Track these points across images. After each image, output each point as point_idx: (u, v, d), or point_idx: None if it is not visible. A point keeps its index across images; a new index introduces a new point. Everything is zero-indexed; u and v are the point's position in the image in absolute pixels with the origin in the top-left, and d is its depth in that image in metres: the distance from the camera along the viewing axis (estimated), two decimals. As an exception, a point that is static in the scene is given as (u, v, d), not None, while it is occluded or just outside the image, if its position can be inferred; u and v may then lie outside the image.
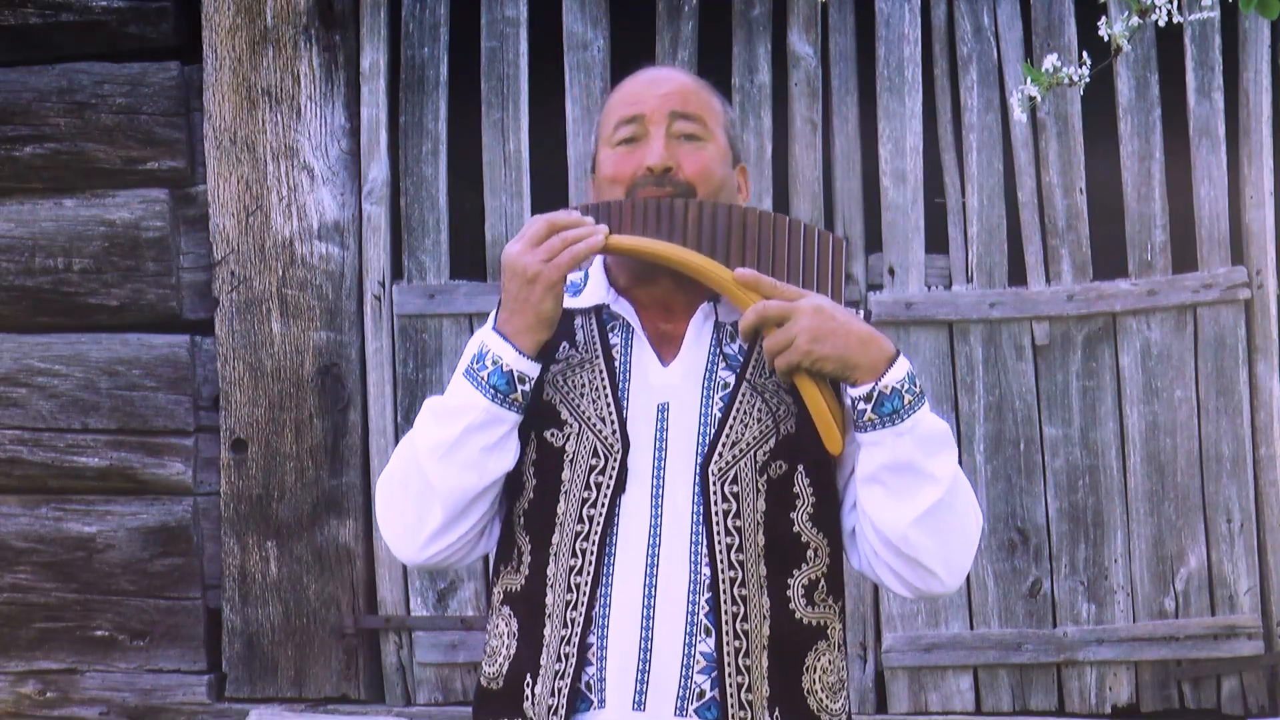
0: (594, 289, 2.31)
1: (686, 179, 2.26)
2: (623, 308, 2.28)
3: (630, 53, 4.43)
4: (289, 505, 4.65)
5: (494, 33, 4.67)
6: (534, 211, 4.57)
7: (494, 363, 2.19)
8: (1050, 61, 2.22)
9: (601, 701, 2.18)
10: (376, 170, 4.66)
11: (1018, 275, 4.59)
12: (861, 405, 2.17)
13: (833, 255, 2.24)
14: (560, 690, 2.18)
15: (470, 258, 4.73)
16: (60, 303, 4.71)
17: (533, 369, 2.20)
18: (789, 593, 2.21)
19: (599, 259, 2.32)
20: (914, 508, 2.16)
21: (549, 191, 4.62)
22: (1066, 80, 2.21)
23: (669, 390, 2.23)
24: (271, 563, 4.66)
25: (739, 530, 2.19)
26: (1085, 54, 2.26)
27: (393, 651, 4.69)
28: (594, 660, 2.18)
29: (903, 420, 2.16)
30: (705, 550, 2.18)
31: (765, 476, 2.21)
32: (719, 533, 2.18)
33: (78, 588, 4.72)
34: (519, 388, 2.19)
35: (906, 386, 2.17)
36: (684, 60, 4.60)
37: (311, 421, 4.64)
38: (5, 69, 4.70)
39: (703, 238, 2.21)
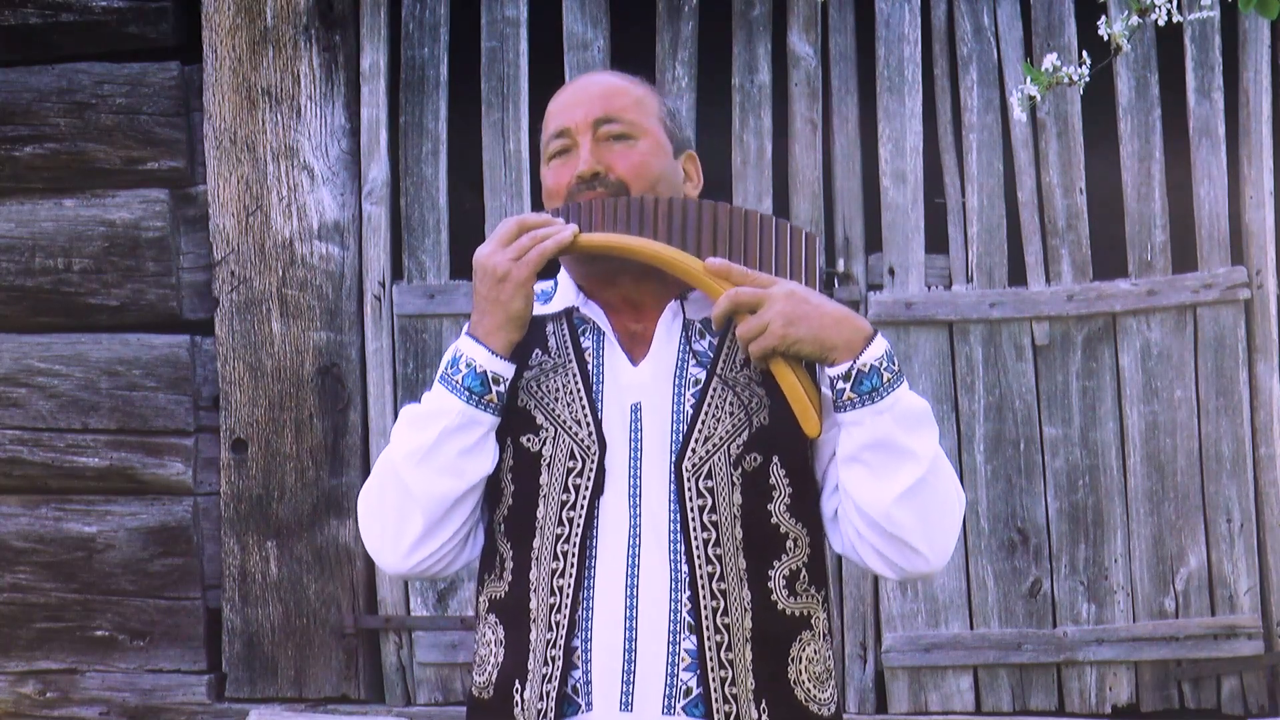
0: (564, 294, 2.32)
1: (618, 178, 2.27)
2: (592, 310, 2.29)
3: (630, 53, 4.43)
4: (289, 505, 4.65)
5: (494, 33, 4.67)
6: (534, 211, 4.56)
7: (467, 365, 2.21)
8: (1050, 61, 2.23)
9: (589, 704, 2.18)
10: (376, 170, 4.66)
11: (1018, 275, 4.59)
12: (840, 384, 2.17)
13: (805, 249, 2.24)
14: (549, 694, 2.18)
15: (470, 258, 4.71)
16: (60, 303, 4.71)
17: (506, 369, 2.21)
18: (770, 584, 2.21)
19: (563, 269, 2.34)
20: (896, 485, 2.16)
21: (549, 191, 4.61)
22: (1066, 80, 2.21)
23: (640, 389, 2.24)
24: (271, 563, 4.66)
25: (715, 525, 2.19)
26: (1085, 54, 2.26)
27: (393, 651, 4.69)
28: (579, 663, 2.19)
29: (882, 398, 2.16)
30: (683, 547, 2.19)
31: (740, 469, 2.21)
32: (695, 528, 2.19)
33: (78, 588, 4.72)
34: (493, 388, 2.20)
35: (885, 365, 2.17)
36: (684, 60, 4.60)
37: (311, 421, 4.64)
38: (5, 69, 4.70)
39: (672, 232, 2.22)
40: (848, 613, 4.59)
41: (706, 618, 2.18)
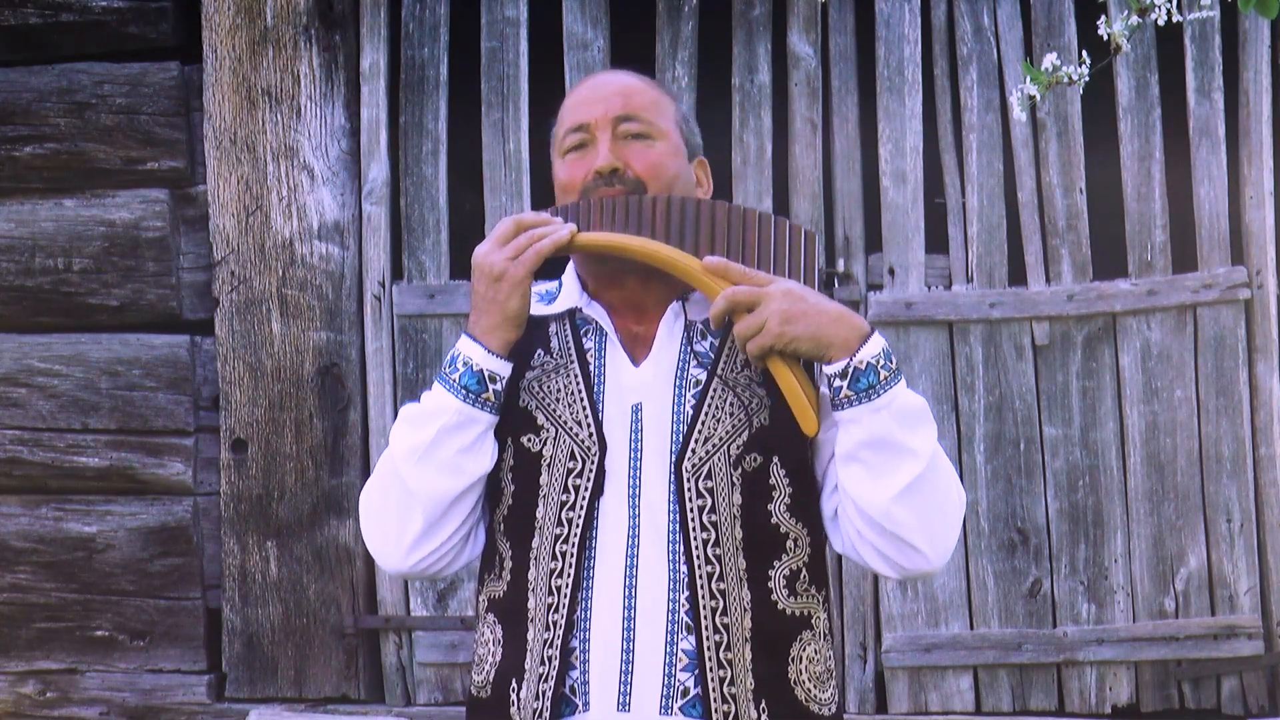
0: (567, 295, 2.32)
1: (637, 176, 2.27)
2: (595, 311, 2.29)
3: (630, 53, 4.43)
4: (289, 505, 4.65)
5: (494, 33, 4.67)
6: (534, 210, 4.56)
7: (464, 364, 2.22)
8: (1050, 61, 2.23)
9: (585, 704, 2.18)
10: (376, 170, 4.66)
11: (1018, 275, 4.59)
12: (837, 382, 2.17)
13: (804, 247, 2.24)
14: (544, 694, 2.19)
15: (470, 258, 4.71)
16: (60, 303, 4.71)
17: (503, 368, 2.22)
18: (770, 584, 2.22)
19: (570, 267, 2.34)
20: (895, 483, 2.16)
21: (549, 191, 4.60)
22: (1066, 79, 2.21)
23: (641, 390, 2.24)
24: (271, 563, 4.66)
25: (715, 525, 2.19)
26: (1085, 54, 2.26)
27: (393, 651, 4.69)
28: (577, 664, 2.19)
29: (879, 395, 2.16)
30: (682, 547, 2.19)
31: (740, 470, 2.21)
32: (694, 528, 2.19)
33: (78, 588, 4.72)
34: (490, 387, 2.21)
35: (882, 362, 2.17)
36: (684, 60, 4.60)
37: (311, 421, 4.64)
38: (5, 69, 4.70)
39: (671, 232, 2.22)
40: (848, 613, 4.59)
41: (705, 617, 2.18)
